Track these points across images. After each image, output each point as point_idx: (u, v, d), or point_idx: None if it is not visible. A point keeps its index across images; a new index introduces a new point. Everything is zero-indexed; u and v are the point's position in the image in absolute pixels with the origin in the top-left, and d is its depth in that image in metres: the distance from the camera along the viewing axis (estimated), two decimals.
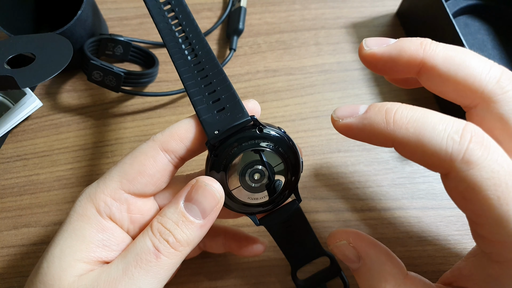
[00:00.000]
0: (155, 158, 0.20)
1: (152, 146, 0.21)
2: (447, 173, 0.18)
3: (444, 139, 0.17)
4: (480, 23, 0.37)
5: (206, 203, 0.20)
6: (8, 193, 0.32)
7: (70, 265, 0.19)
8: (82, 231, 0.20)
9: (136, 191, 0.21)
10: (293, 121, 0.35)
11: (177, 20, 0.25)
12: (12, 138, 0.34)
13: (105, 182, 0.20)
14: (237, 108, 0.21)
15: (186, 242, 0.20)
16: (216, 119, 0.21)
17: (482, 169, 0.17)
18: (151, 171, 0.20)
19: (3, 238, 0.31)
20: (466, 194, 0.18)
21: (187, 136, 0.21)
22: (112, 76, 0.32)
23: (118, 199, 0.20)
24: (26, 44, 0.29)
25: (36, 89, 0.36)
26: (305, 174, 0.33)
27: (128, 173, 0.20)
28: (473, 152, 0.17)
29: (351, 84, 0.36)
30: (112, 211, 0.20)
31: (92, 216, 0.20)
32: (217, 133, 0.20)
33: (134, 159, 0.20)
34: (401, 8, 0.39)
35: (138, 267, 0.19)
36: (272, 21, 0.39)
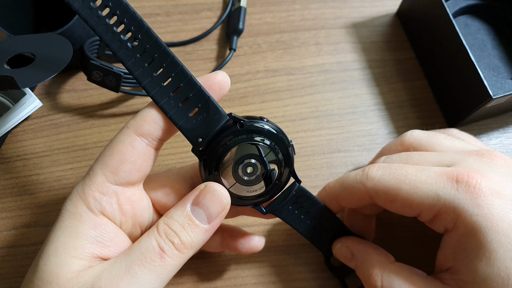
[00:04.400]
0: (133, 144, 0.21)
1: (127, 133, 0.21)
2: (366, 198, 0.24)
3: (355, 176, 0.25)
4: (480, 23, 0.37)
5: (213, 209, 0.21)
6: (8, 193, 0.32)
7: (66, 262, 0.19)
8: (74, 228, 0.20)
9: (122, 181, 0.21)
10: (293, 121, 0.35)
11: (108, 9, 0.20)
12: (12, 138, 0.34)
13: (90, 178, 0.21)
14: (211, 108, 0.21)
15: (190, 245, 0.20)
16: (193, 123, 0.21)
17: (383, 176, 0.23)
18: (131, 158, 0.20)
19: (3, 238, 0.31)
20: (386, 200, 0.23)
21: (160, 117, 0.21)
22: (112, 76, 0.32)
23: (106, 193, 0.21)
24: (26, 44, 0.29)
25: (36, 89, 0.36)
26: (305, 174, 0.33)
27: (110, 165, 0.20)
28: (373, 173, 0.24)
29: (351, 84, 0.36)
30: (102, 205, 0.20)
31: (83, 213, 0.20)
32: (200, 140, 0.21)
33: (113, 150, 0.21)
34: (401, 8, 0.39)
35: (142, 266, 0.19)
36: (272, 21, 0.39)
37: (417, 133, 0.27)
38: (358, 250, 0.25)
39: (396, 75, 0.37)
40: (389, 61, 0.37)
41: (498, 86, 0.30)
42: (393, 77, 0.37)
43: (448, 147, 0.26)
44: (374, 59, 0.37)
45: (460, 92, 0.32)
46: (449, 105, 0.34)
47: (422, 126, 0.35)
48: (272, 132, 0.21)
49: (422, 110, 0.35)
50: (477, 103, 0.31)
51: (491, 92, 0.29)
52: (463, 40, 0.31)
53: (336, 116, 0.35)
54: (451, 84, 0.33)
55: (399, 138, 0.28)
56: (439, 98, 0.35)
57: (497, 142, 0.34)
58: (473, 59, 0.30)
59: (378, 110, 0.35)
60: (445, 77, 0.34)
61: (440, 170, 0.22)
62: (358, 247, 0.25)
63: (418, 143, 0.27)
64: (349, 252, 0.26)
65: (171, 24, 0.39)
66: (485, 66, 0.35)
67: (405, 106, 0.36)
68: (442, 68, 0.34)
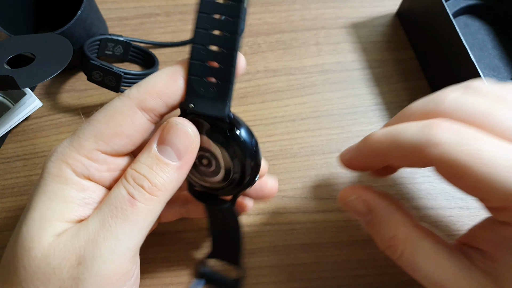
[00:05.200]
0: (133, 118, 0.19)
1: (128, 105, 0.19)
2: (426, 163, 0.19)
3: (413, 134, 0.19)
4: (480, 23, 0.37)
5: (180, 144, 0.19)
6: (8, 193, 0.32)
7: (51, 226, 0.18)
8: (61, 191, 0.19)
9: (113, 152, 0.20)
10: (293, 121, 0.35)
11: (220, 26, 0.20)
12: (12, 138, 0.34)
13: (79, 141, 0.19)
14: (223, 94, 0.19)
15: (164, 186, 0.19)
16: (200, 89, 0.19)
17: (452, 145, 0.18)
18: (129, 131, 0.19)
19: (3, 238, 0.31)
20: (451, 174, 0.19)
21: (166, 92, 0.19)
22: (112, 76, 0.32)
23: (96, 160, 0.19)
24: (26, 44, 0.29)
25: (36, 89, 0.36)
26: (306, 174, 0.33)
27: (104, 134, 0.19)
28: (439, 135, 0.18)
29: (351, 84, 0.36)
30: (90, 172, 0.19)
31: (69, 176, 0.19)
32: (192, 106, 0.20)
33: (110, 119, 0.19)
34: (401, 8, 0.39)
35: (114, 217, 0.18)
36: (272, 21, 0.39)
37: (461, 101, 0.21)
38: (378, 206, 0.22)
39: (396, 75, 0.37)
40: (389, 61, 0.37)
41: None
42: (393, 77, 0.37)
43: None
44: (374, 59, 0.37)
45: None
46: None
47: None
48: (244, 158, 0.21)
49: None
50: None
51: None
52: (463, 40, 0.31)
53: (336, 116, 0.35)
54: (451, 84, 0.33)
55: (431, 101, 0.22)
56: None
57: None
58: (473, 59, 0.30)
59: (378, 110, 0.35)
60: (445, 77, 0.34)
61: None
62: (378, 202, 0.22)
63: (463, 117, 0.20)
64: (365, 207, 0.23)
65: (171, 24, 0.39)
66: (485, 66, 0.35)
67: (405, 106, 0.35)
68: (442, 68, 0.34)
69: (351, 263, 0.30)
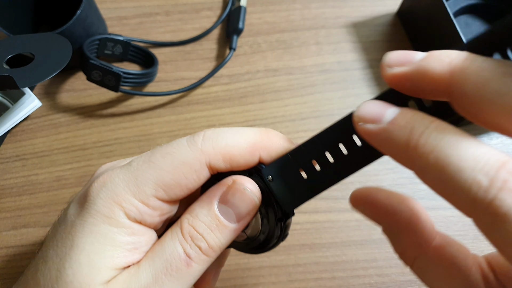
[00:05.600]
0: (199, 173, 0.18)
1: (198, 159, 0.18)
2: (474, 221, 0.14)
3: (468, 182, 0.13)
4: (481, 23, 0.36)
5: (243, 208, 0.19)
6: (7, 193, 0.32)
7: (100, 273, 0.18)
8: (110, 235, 0.18)
9: (169, 200, 0.19)
10: (293, 121, 0.35)
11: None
12: (11, 138, 0.34)
13: (137, 185, 0.18)
14: (302, 196, 0.19)
15: (219, 247, 0.19)
16: (287, 172, 0.19)
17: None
18: (192, 185, 0.18)
19: (2, 238, 0.31)
20: (504, 250, 0.14)
21: (239, 162, 0.19)
22: (111, 76, 0.32)
23: (151, 206, 0.18)
24: (25, 44, 0.29)
25: (35, 89, 0.36)
26: None
27: (167, 183, 0.18)
28: (503, 203, 0.13)
29: (351, 84, 0.36)
30: (143, 217, 0.18)
31: (120, 219, 0.18)
32: (270, 179, 0.19)
33: (176, 169, 0.18)
34: (402, 7, 0.38)
35: (168, 275, 0.18)
36: (272, 20, 0.39)
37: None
38: (392, 216, 0.20)
39: None
40: None
41: None
42: None
43: None
44: (374, 59, 0.37)
45: None
46: None
47: None
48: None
49: None
50: None
51: None
52: (464, 40, 0.31)
53: (337, 116, 0.35)
54: None
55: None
56: None
57: (498, 142, 0.34)
58: None
59: None
60: None
61: None
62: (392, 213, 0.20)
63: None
64: (378, 216, 0.21)
65: (170, 24, 0.39)
66: None
67: None
68: None
69: (351, 263, 0.30)
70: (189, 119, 0.35)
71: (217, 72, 0.36)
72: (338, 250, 0.30)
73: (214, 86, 0.36)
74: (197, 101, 0.35)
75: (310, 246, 0.30)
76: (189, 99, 0.35)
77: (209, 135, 0.19)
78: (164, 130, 0.34)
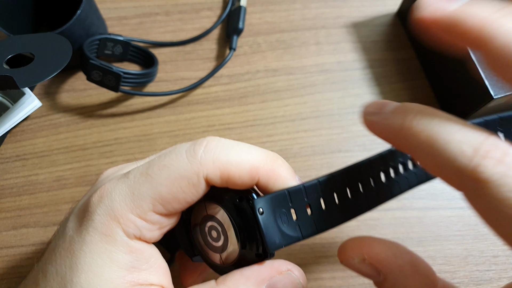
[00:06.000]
0: (197, 187, 0.18)
1: (196, 173, 0.18)
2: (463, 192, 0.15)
3: (453, 153, 0.14)
4: None
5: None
6: (7, 193, 0.32)
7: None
8: (108, 254, 0.18)
9: (168, 213, 0.18)
10: (293, 121, 0.35)
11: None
12: (11, 138, 0.34)
13: (134, 200, 0.18)
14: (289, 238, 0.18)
15: None
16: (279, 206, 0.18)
17: (498, 187, 0.14)
18: (190, 199, 0.18)
19: (2, 238, 0.31)
20: (488, 217, 0.15)
21: (236, 182, 0.18)
22: (111, 76, 0.32)
23: (149, 221, 0.18)
24: (25, 44, 0.29)
25: (35, 89, 0.36)
26: (306, 174, 0.33)
27: (164, 198, 0.18)
28: (486, 169, 0.14)
29: (351, 84, 0.36)
30: (142, 232, 0.18)
31: (118, 237, 0.18)
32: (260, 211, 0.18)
33: (173, 183, 0.18)
34: (402, 7, 0.38)
35: None
36: (272, 20, 0.39)
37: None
38: (389, 269, 0.19)
39: (397, 74, 0.37)
40: (389, 60, 0.37)
41: (499, 86, 0.30)
42: (394, 76, 0.37)
43: None
44: (374, 59, 0.37)
45: (461, 92, 0.32)
46: (450, 105, 0.34)
47: None
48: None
49: None
50: (478, 103, 0.30)
51: (492, 92, 0.29)
52: None
53: (337, 116, 0.35)
54: (452, 84, 0.33)
55: None
56: (440, 98, 0.35)
57: None
58: (474, 58, 0.30)
59: None
60: (445, 77, 0.34)
61: None
62: (389, 265, 0.19)
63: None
64: (374, 269, 0.19)
65: (170, 24, 0.39)
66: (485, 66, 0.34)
67: None
68: (442, 68, 0.34)
69: None
70: (189, 119, 0.35)
71: (217, 72, 0.36)
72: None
73: (214, 86, 0.36)
74: (197, 101, 0.35)
75: (310, 246, 0.30)
76: (189, 99, 0.35)
77: (211, 147, 0.18)
78: (164, 130, 0.34)
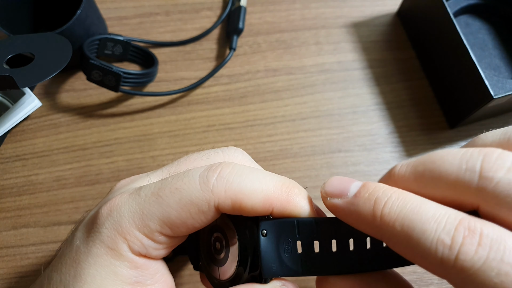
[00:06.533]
0: (207, 215, 0.18)
1: (207, 201, 0.17)
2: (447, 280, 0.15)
3: (433, 243, 0.14)
4: (481, 23, 0.36)
5: None
6: (7, 193, 0.32)
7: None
8: (112, 268, 0.18)
9: (175, 235, 0.19)
10: (293, 121, 0.35)
11: None
12: (11, 138, 0.34)
13: (143, 219, 0.18)
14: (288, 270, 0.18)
15: None
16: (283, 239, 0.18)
17: (482, 273, 0.14)
18: (198, 225, 0.18)
19: (2, 238, 0.31)
20: None
21: (249, 211, 0.18)
22: (112, 76, 0.32)
23: (156, 241, 0.18)
24: (25, 44, 0.29)
25: (35, 89, 0.36)
26: (306, 174, 0.33)
27: (173, 221, 0.18)
28: (466, 256, 0.14)
29: (351, 84, 0.36)
30: (148, 251, 0.18)
31: (123, 253, 0.18)
32: (264, 233, 0.18)
33: (184, 208, 0.18)
34: (402, 7, 0.38)
35: None
36: (272, 20, 0.39)
37: None
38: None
39: (397, 74, 0.37)
40: (389, 60, 0.37)
41: (499, 86, 0.30)
42: (394, 76, 0.37)
43: None
44: (374, 59, 0.37)
45: (461, 92, 0.32)
46: (450, 105, 0.34)
47: (422, 126, 0.35)
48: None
49: (423, 110, 0.35)
50: (478, 103, 0.31)
51: (492, 92, 0.29)
52: (464, 40, 0.31)
53: (337, 116, 0.35)
54: (452, 84, 0.33)
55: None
56: (440, 98, 0.35)
57: None
58: (474, 58, 0.30)
59: (378, 110, 0.35)
60: (446, 77, 0.34)
61: None
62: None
63: None
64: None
65: (170, 24, 0.39)
66: (486, 66, 0.34)
67: (406, 106, 0.35)
68: (443, 67, 0.34)
69: None
70: (189, 119, 0.35)
71: (217, 72, 0.36)
72: None
73: (214, 86, 0.36)
74: (197, 101, 0.35)
75: None
76: (189, 99, 0.35)
77: (224, 175, 0.18)
78: (164, 130, 0.34)
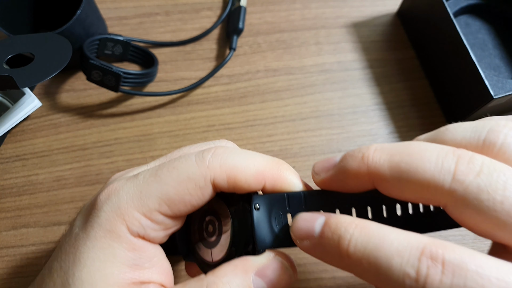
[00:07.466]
0: (203, 191, 0.18)
1: (204, 175, 0.18)
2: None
3: (400, 277, 0.15)
4: (481, 23, 0.36)
5: (278, 284, 0.19)
6: (7, 193, 0.32)
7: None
8: (111, 250, 0.18)
9: (173, 215, 0.19)
10: (293, 121, 0.35)
11: None
12: (11, 138, 0.34)
13: (141, 198, 0.18)
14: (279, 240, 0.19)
15: None
16: (275, 209, 0.18)
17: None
18: (196, 203, 0.18)
19: (2, 238, 0.31)
20: None
21: (243, 186, 0.18)
22: (111, 76, 0.32)
23: (154, 221, 0.18)
24: (25, 44, 0.29)
25: (35, 89, 0.36)
26: (306, 174, 0.33)
27: (171, 198, 0.18)
28: (432, 286, 0.14)
29: (351, 84, 0.36)
30: (146, 231, 0.18)
31: (122, 234, 0.18)
32: (257, 207, 0.18)
33: (180, 184, 0.18)
34: (402, 7, 0.38)
35: None
36: (272, 20, 0.39)
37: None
38: None
39: (397, 74, 0.37)
40: (389, 60, 0.37)
41: (499, 86, 0.30)
42: (394, 76, 0.37)
43: None
44: (374, 59, 0.37)
45: (461, 92, 0.32)
46: (450, 105, 0.34)
47: (422, 126, 0.35)
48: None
49: (423, 110, 0.35)
50: (478, 103, 0.31)
51: (492, 92, 0.29)
52: (464, 40, 0.31)
53: (337, 116, 0.35)
54: (452, 84, 0.33)
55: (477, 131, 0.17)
56: (440, 98, 0.35)
57: None
58: (474, 58, 0.30)
59: (378, 110, 0.35)
60: (446, 77, 0.34)
61: None
62: None
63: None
64: None
65: (170, 24, 0.39)
66: (486, 66, 0.34)
67: (406, 106, 0.35)
68: (443, 68, 0.34)
69: None
70: (189, 119, 0.35)
71: (217, 72, 0.36)
72: None
73: (214, 86, 0.36)
74: (197, 101, 0.35)
75: None
76: (189, 99, 0.35)
77: (218, 153, 0.18)
78: (164, 130, 0.34)
